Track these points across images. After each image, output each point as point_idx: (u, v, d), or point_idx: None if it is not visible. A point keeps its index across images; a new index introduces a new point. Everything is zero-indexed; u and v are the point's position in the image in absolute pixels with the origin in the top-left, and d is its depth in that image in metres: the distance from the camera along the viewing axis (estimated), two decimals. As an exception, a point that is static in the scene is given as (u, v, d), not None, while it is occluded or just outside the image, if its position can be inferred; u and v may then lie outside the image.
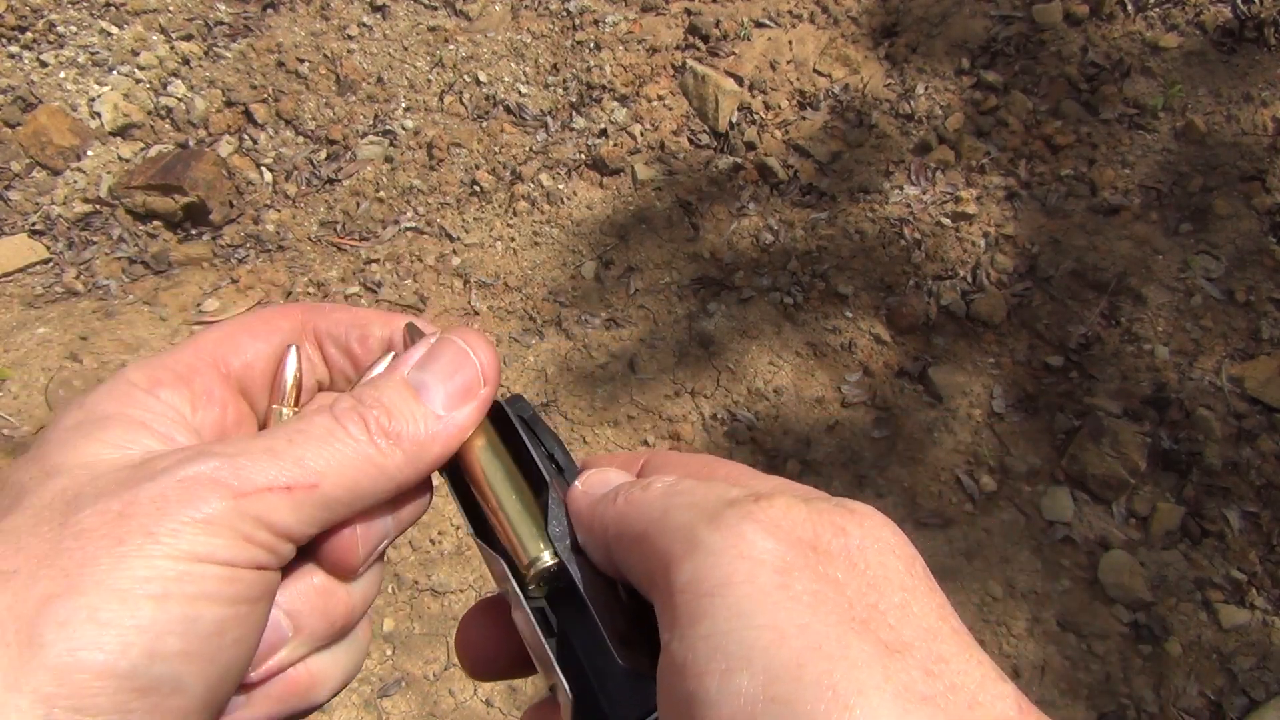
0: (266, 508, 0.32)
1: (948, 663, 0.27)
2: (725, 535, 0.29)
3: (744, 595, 0.28)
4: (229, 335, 0.39)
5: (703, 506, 0.31)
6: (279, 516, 0.32)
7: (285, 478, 0.32)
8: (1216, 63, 2.29)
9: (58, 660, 0.27)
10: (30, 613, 0.28)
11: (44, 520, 0.30)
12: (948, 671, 0.27)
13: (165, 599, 0.29)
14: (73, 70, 2.54)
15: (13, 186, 2.41)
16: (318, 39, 2.62)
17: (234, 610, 0.31)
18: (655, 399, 2.09)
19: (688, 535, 0.30)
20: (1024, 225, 2.21)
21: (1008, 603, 1.85)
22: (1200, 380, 1.99)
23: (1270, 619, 1.78)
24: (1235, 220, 2.14)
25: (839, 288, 2.19)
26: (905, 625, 0.28)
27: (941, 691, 0.26)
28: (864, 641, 0.27)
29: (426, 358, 0.38)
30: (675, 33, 2.54)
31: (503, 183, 2.41)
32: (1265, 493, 1.88)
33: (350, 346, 0.42)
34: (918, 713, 0.25)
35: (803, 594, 0.28)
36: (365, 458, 0.34)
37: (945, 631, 0.28)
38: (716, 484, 0.33)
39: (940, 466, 1.99)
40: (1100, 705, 1.74)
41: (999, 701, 0.27)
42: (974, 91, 2.37)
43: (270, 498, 0.32)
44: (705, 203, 2.33)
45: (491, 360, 0.39)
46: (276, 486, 0.32)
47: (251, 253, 2.39)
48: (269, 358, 0.40)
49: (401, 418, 0.36)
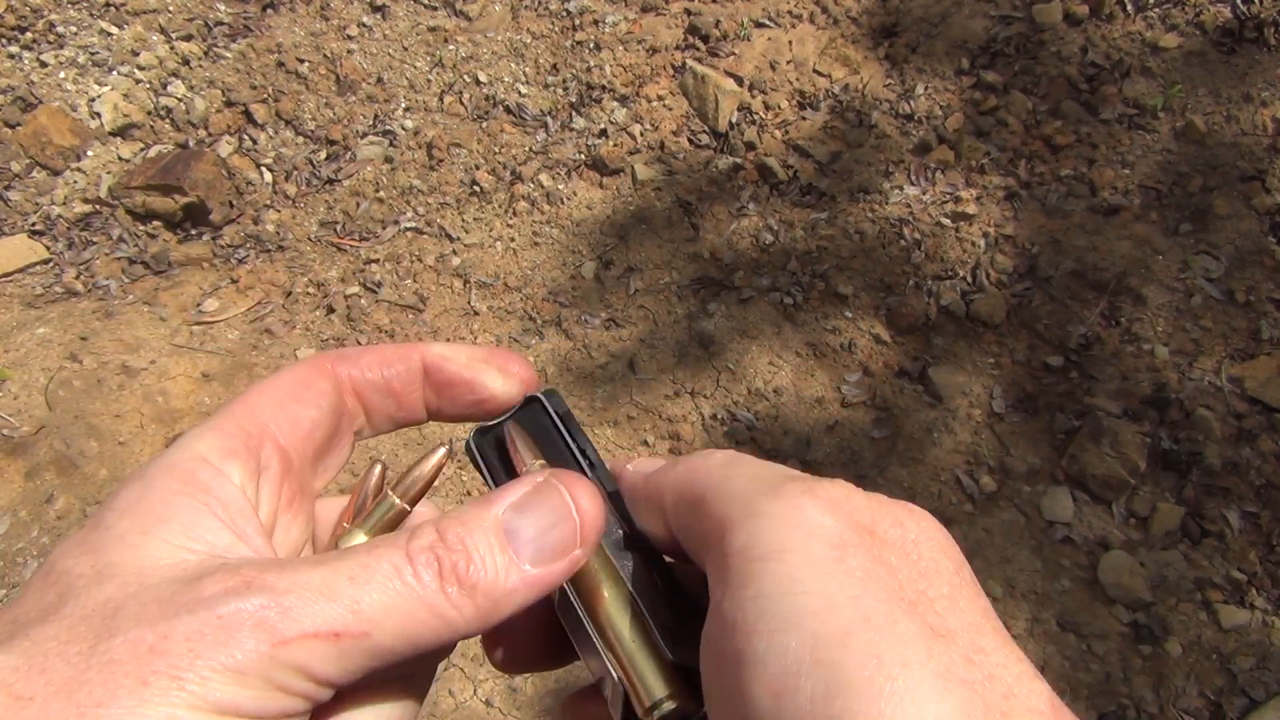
0: (309, 656, 0.29)
1: (987, 654, 0.28)
2: (785, 506, 0.30)
3: (798, 563, 0.29)
4: (282, 403, 0.37)
5: (764, 478, 0.31)
6: (321, 666, 0.30)
7: (336, 624, 0.30)
8: (1216, 63, 2.29)
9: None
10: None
11: (78, 638, 0.28)
12: (987, 662, 0.28)
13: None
14: (73, 70, 2.54)
15: (13, 186, 2.41)
16: (318, 39, 2.62)
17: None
18: (655, 399, 2.10)
19: (746, 502, 0.30)
20: (1024, 225, 2.21)
21: (1008, 603, 1.85)
22: (1200, 380, 1.99)
23: (1270, 619, 1.78)
24: (1235, 220, 2.14)
25: (839, 288, 2.19)
26: (951, 615, 0.29)
27: (980, 679, 0.27)
28: (911, 621, 0.28)
29: (526, 500, 0.34)
30: (675, 33, 2.54)
31: (503, 183, 2.41)
32: (1265, 493, 1.88)
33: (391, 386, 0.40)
34: (956, 693, 0.26)
35: (856, 569, 0.29)
36: (430, 607, 0.31)
37: (988, 628, 0.29)
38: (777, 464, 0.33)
39: (940, 466, 1.99)
40: (1100, 705, 1.74)
41: (1033, 696, 0.28)
42: (974, 91, 2.37)
43: (315, 644, 0.29)
44: (705, 203, 2.33)
45: (593, 519, 0.35)
46: (324, 633, 0.30)
47: (251, 253, 2.39)
48: (314, 425, 0.38)
49: (481, 566, 0.32)
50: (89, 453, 2.00)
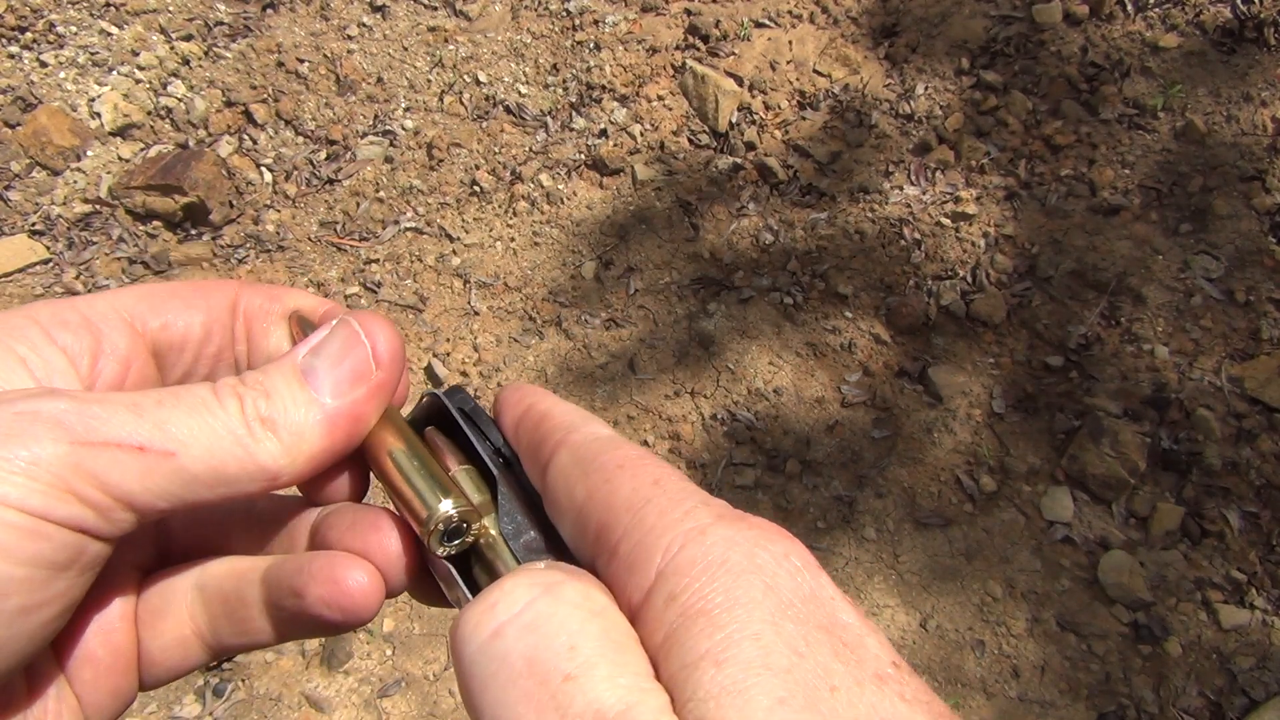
0: (109, 465, 0.28)
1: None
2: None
3: None
4: (154, 294, 0.37)
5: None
6: (122, 478, 0.29)
7: (140, 437, 0.29)
8: (1216, 63, 2.29)
9: None
10: None
11: None
12: None
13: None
14: (73, 70, 2.54)
15: (13, 186, 2.41)
16: (318, 39, 2.62)
17: (26, 573, 0.27)
18: (655, 399, 2.09)
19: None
20: (1024, 225, 2.21)
21: (1008, 603, 1.85)
22: (1200, 380, 1.99)
23: (1270, 619, 1.78)
24: (1235, 220, 2.14)
25: (839, 288, 2.19)
26: None
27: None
28: None
29: (321, 342, 0.35)
30: (675, 33, 2.54)
31: (503, 183, 2.41)
32: (1265, 493, 1.88)
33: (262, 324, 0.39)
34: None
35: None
36: (235, 438, 0.31)
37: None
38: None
39: (940, 466, 1.99)
40: (1100, 705, 1.74)
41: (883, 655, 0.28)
42: (974, 91, 2.37)
43: (117, 454, 0.28)
44: (705, 203, 2.33)
45: (389, 343, 0.35)
46: (127, 444, 0.29)
47: (251, 253, 2.39)
48: (190, 326, 0.37)
49: (280, 403, 0.33)
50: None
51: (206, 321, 0.37)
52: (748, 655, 0.25)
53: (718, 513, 0.29)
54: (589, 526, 0.31)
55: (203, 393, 0.32)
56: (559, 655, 0.26)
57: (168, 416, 0.30)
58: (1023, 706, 1.75)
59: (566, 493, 0.32)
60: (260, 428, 0.32)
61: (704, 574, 0.27)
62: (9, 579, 0.27)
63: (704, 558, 0.27)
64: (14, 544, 0.27)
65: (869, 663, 0.26)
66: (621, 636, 0.27)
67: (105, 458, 0.28)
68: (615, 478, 0.31)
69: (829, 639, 0.26)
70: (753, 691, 0.24)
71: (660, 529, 0.29)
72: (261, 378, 0.33)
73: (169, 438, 0.30)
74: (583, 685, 0.25)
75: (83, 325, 0.34)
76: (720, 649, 0.25)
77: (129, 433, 0.29)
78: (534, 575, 0.29)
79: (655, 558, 0.28)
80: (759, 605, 0.26)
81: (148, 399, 0.30)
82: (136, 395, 0.31)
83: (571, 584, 0.29)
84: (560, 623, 0.27)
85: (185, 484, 0.30)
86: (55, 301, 0.34)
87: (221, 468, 0.31)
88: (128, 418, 0.29)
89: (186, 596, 0.37)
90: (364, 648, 1.84)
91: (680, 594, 0.27)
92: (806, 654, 0.25)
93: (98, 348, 0.34)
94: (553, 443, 0.34)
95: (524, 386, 0.38)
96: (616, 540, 0.29)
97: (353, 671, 1.82)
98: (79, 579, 0.29)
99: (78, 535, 0.28)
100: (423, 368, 2.19)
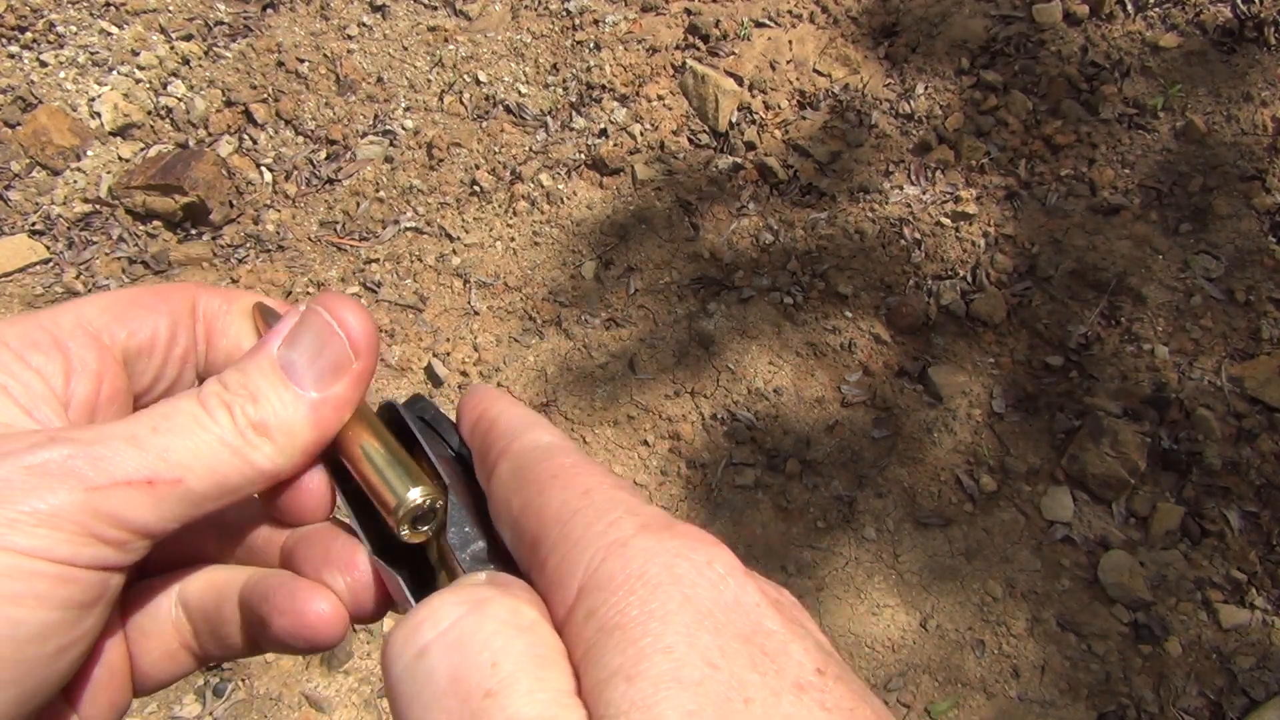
0: (123, 504, 0.29)
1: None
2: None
3: None
4: (116, 304, 0.36)
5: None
6: (135, 513, 0.30)
7: (147, 471, 0.30)
8: (1216, 62, 2.29)
9: None
10: None
11: None
12: None
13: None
14: (72, 70, 2.54)
15: (13, 186, 2.41)
16: (317, 39, 2.62)
17: (63, 615, 0.29)
18: (655, 399, 2.09)
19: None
20: (1024, 225, 2.21)
21: (1007, 603, 1.85)
22: (1200, 380, 1.99)
23: (1270, 619, 1.78)
24: (1235, 220, 2.14)
25: (839, 288, 2.19)
26: None
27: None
28: None
29: (294, 332, 0.35)
30: (675, 32, 2.54)
31: (503, 183, 2.41)
32: (1265, 492, 1.88)
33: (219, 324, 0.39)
34: None
35: None
36: (233, 449, 0.32)
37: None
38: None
39: (940, 466, 1.99)
40: (1100, 705, 1.74)
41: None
42: (974, 91, 2.36)
43: (129, 492, 0.30)
44: (705, 202, 2.33)
45: (363, 330, 0.35)
46: (137, 480, 0.30)
47: (251, 253, 2.39)
48: (156, 331, 0.37)
49: (270, 405, 0.33)
50: (89, 453, 2.00)
51: (170, 324, 0.38)
52: (659, 669, 0.25)
53: (642, 523, 0.29)
54: (524, 538, 0.31)
55: (191, 408, 0.32)
56: (481, 672, 0.26)
57: (167, 444, 0.31)
58: (1023, 706, 1.75)
59: (504, 503, 0.33)
60: (254, 434, 0.33)
61: (621, 588, 0.27)
62: (46, 624, 0.28)
63: (622, 571, 0.27)
64: (47, 592, 0.28)
65: (790, 671, 0.26)
66: (547, 651, 0.27)
67: (118, 497, 0.29)
68: (547, 489, 0.31)
69: (747, 649, 0.26)
70: (661, 706, 0.24)
71: (584, 542, 0.29)
72: (244, 379, 0.34)
73: (173, 465, 0.31)
74: (501, 702, 0.25)
75: (53, 345, 0.34)
76: (632, 663, 0.25)
77: (135, 468, 0.30)
78: (462, 593, 0.29)
79: (577, 572, 0.28)
80: (674, 617, 0.26)
81: (142, 427, 0.31)
82: (131, 425, 0.31)
83: (500, 600, 0.29)
84: (484, 640, 0.27)
85: (194, 503, 0.31)
86: (21, 320, 0.34)
87: (224, 480, 0.32)
88: (131, 454, 0.30)
89: (171, 612, 0.38)
90: (364, 647, 1.84)
91: (598, 609, 0.27)
92: (721, 665, 0.25)
93: (69, 366, 0.34)
94: (496, 451, 0.34)
95: (482, 391, 0.39)
96: (544, 554, 0.30)
97: (353, 671, 1.82)
98: (104, 611, 0.31)
99: (102, 573, 0.30)
100: (423, 368, 2.19)
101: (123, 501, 0.29)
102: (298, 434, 0.34)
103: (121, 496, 0.29)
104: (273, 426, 0.33)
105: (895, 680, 1.78)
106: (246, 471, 0.32)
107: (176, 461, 0.31)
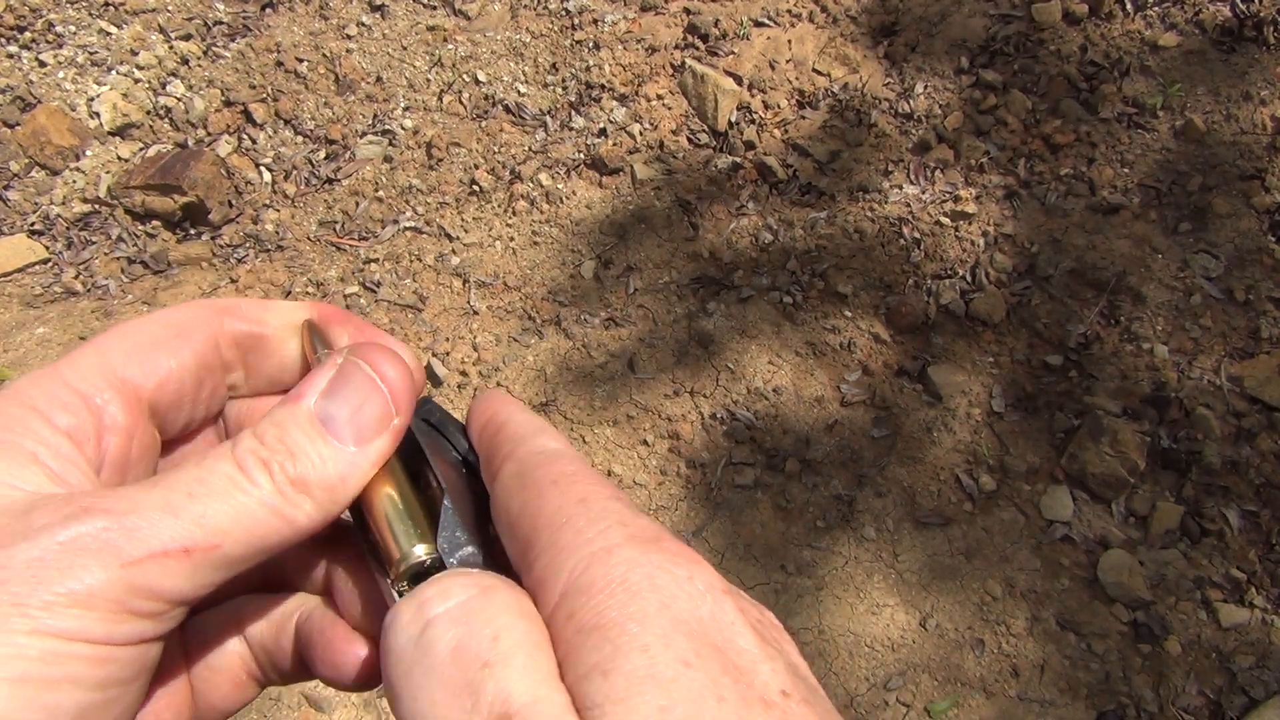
0: (159, 575, 0.29)
1: None
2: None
3: None
4: (139, 348, 0.35)
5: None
6: (172, 583, 0.29)
7: (184, 539, 0.29)
8: (1216, 62, 2.29)
9: None
10: None
11: None
12: None
13: (23, 683, 0.26)
14: (71, 70, 2.54)
15: (12, 186, 2.41)
16: (316, 38, 2.62)
17: (103, 695, 0.28)
18: (655, 398, 2.09)
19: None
20: (1023, 224, 2.21)
21: (1007, 602, 1.85)
22: (1200, 379, 1.99)
23: (1270, 618, 1.78)
24: (1234, 219, 2.14)
25: (838, 287, 2.19)
26: None
27: None
28: None
29: (333, 385, 0.34)
30: (674, 32, 2.54)
31: (502, 182, 2.41)
32: (1265, 492, 1.88)
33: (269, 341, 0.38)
34: None
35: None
36: (272, 510, 0.31)
37: None
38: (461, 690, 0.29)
39: (940, 466, 1.99)
40: (1100, 704, 1.74)
41: None
42: (973, 90, 2.36)
43: (166, 562, 0.29)
44: (704, 202, 2.33)
45: (401, 385, 0.35)
46: (174, 550, 0.29)
47: (250, 252, 2.39)
48: (184, 379, 0.36)
49: (309, 461, 0.32)
50: (88, 453, 2.00)
51: (196, 368, 0.36)
52: (633, 665, 0.26)
53: (631, 534, 0.30)
54: (518, 540, 0.32)
55: (228, 470, 0.31)
56: (482, 644, 0.27)
57: (204, 509, 0.30)
58: (1022, 705, 1.75)
59: (505, 506, 0.33)
60: (293, 491, 0.32)
61: (602, 592, 0.28)
62: (88, 706, 0.28)
63: (604, 577, 0.28)
64: (85, 673, 0.27)
65: (756, 688, 0.27)
66: (542, 638, 0.28)
67: (155, 570, 0.29)
68: (546, 494, 0.32)
69: (720, 657, 0.27)
70: (635, 700, 0.25)
71: (571, 549, 0.29)
72: (281, 434, 0.33)
73: (210, 531, 0.30)
74: (497, 673, 0.26)
75: (80, 404, 0.33)
76: (609, 660, 0.26)
77: (171, 537, 0.29)
78: (472, 577, 0.30)
79: (562, 576, 0.29)
80: (651, 620, 0.27)
81: (178, 493, 0.30)
82: (166, 491, 0.30)
83: (506, 589, 0.30)
84: (489, 617, 0.28)
85: (230, 566, 0.31)
86: (45, 378, 0.33)
87: (262, 541, 0.31)
88: (167, 522, 0.29)
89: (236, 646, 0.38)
90: (363, 647, 1.84)
91: (578, 611, 0.28)
92: (695, 665, 0.26)
93: (100, 424, 0.33)
94: (502, 455, 0.35)
95: (494, 396, 0.39)
96: (534, 557, 0.30)
97: (352, 671, 1.81)
98: (147, 678, 0.31)
99: (139, 646, 0.29)
100: (422, 367, 2.19)
101: (159, 573, 0.29)
102: (337, 489, 0.33)
103: (158, 568, 0.29)
104: (313, 482, 0.32)
105: (895, 679, 1.78)
106: (285, 531, 0.32)
107: (214, 527, 0.30)
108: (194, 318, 0.36)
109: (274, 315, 0.38)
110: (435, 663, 0.27)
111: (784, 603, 1.85)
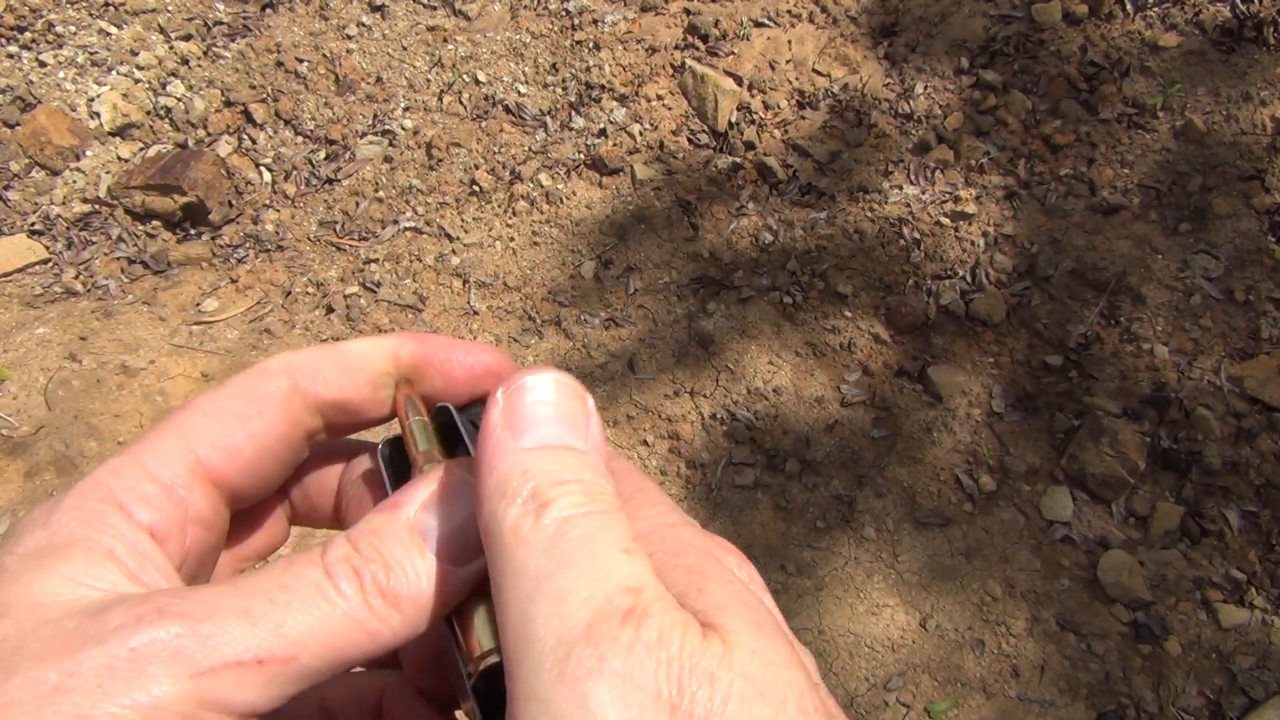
0: (231, 686, 0.27)
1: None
2: (568, 693, 0.26)
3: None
4: (222, 432, 0.33)
5: (559, 633, 0.27)
6: (243, 696, 0.27)
7: (258, 650, 0.28)
8: (1216, 62, 2.29)
9: None
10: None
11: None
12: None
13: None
14: (71, 70, 2.54)
15: (12, 186, 2.41)
16: (317, 39, 2.62)
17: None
18: (655, 399, 2.09)
19: (531, 672, 0.27)
20: (1023, 225, 2.21)
21: (1007, 602, 1.85)
22: (1200, 380, 1.99)
23: (1269, 618, 1.78)
24: (1234, 220, 2.14)
25: (838, 287, 2.19)
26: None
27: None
28: None
29: (435, 497, 0.33)
30: (674, 32, 2.54)
31: (502, 182, 2.41)
32: (1265, 492, 1.88)
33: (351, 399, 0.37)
34: None
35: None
36: (356, 623, 0.29)
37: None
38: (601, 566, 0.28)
39: (940, 466, 1.99)
40: (1100, 704, 1.74)
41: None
42: (973, 91, 2.37)
43: (239, 673, 0.27)
44: (704, 202, 2.33)
45: None
46: (247, 660, 0.27)
47: (250, 252, 2.39)
48: (261, 454, 0.35)
49: (403, 575, 0.31)
50: (88, 453, 2.00)
51: (275, 444, 0.35)
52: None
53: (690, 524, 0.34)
54: None
55: (316, 577, 0.30)
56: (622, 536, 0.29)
57: (284, 618, 0.28)
58: (1022, 706, 1.75)
59: None
60: (382, 604, 0.30)
61: None
62: None
63: None
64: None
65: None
66: None
67: (226, 681, 0.27)
68: None
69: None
70: None
71: None
72: (378, 544, 0.31)
73: (288, 642, 0.28)
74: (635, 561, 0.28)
75: (164, 497, 0.32)
76: None
77: (246, 647, 0.28)
78: None
79: None
80: None
81: (258, 600, 0.29)
82: (245, 597, 0.29)
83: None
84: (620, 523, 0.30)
85: (305, 679, 0.29)
86: (124, 466, 0.32)
87: (342, 655, 0.29)
88: (244, 630, 0.28)
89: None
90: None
91: None
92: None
93: (184, 517, 0.32)
94: None
95: None
96: None
97: (352, 671, 1.81)
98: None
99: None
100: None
101: (231, 684, 0.27)
102: (428, 605, 0.31)
103: (230, 679, 0.27)
104: (405, 597, 0.30)
105: (895, 680, 1.78)
106: (367, 646, 0.30)
107: (293, 638, 0.28)
108: (275, 391, 0.35)
109: (359, 367, 0.37)
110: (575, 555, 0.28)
111: (784, 603, 1.85)
